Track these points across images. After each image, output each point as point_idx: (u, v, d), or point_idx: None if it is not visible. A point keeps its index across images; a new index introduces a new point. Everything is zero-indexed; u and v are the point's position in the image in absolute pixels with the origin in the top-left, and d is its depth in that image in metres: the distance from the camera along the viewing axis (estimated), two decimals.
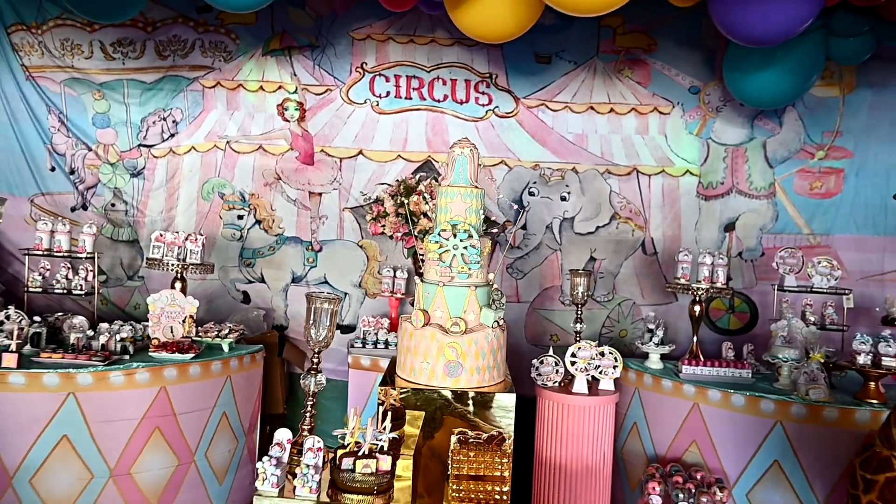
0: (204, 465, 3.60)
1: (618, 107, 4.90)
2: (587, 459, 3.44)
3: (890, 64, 4.54)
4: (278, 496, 2.06)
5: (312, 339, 2.36)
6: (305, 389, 2.40)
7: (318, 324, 2.33)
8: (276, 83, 4.87)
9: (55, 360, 3.25)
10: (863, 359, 3.27)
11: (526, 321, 4.93)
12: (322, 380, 2.42)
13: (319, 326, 2.33)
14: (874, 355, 3.29)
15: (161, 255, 3.89)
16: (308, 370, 2.42)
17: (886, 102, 4.67)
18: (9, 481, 3.08)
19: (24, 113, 4.85)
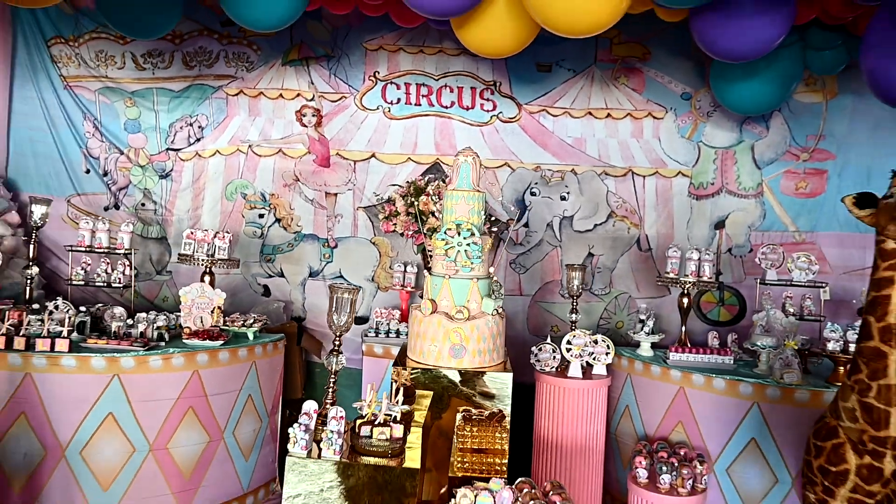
0: (232, 443, 3.95)
1: (614, 112, 5.22)
2: (582, 437, 3.77)
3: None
4: (307, 457, 2.40)
5: (335, 324, 2.70)
6: (328, 368, 2.74)
7: (340, 311, 2.68)
8: (294, 91, 5.22)
9: (101, 346, 3.61)
10: (832, 345, 3.58)
11: (528, 313, 5.26)
12: (343, 360, 2.77)
13: (341, 313, 2.68)
14: (844, 342, 3.59)
15: (192, 251, 4.25)
16: (331, 351, 2.76)
17: (866, 108, 4.95)
18: (62, 453, 3.44)
19: (61, 119, 5.23)
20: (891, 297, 2.34)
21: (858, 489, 2.41)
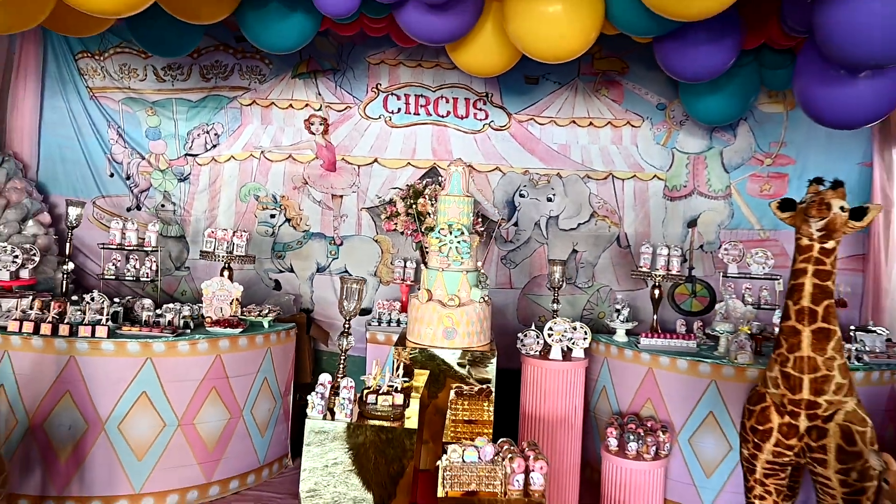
0: (250, 420, 4.42)
1: (596, 121, 5.69)
2: (562, 412, 4.24)
3: None
4: (323, 419, 2.88)
5: (345, 309, 3.18)
6: (339, 347, 3.22)
7: (350, 298, 3.15)
8: (303, 101, 5.68)
9: (135, 332, 4.08)
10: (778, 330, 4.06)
11: (518, 305, 5.73)
12: (352, 341, 3.25)
13: (350, 300, 3.16)
14: None
15: (213, 248, 4.72)
16: (341, 333, 3.25)
17: None
18: (102, 427, 3.90)
19: (88, 128, 5.68)
20: (804, 284, 2.82)
21: (780, 443, 2.89)
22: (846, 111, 3.35)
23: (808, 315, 2.81)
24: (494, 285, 5.69)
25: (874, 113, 3.34)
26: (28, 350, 3.82)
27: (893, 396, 4.19)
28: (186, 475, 4.08)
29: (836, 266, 2.89)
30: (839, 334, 2.83)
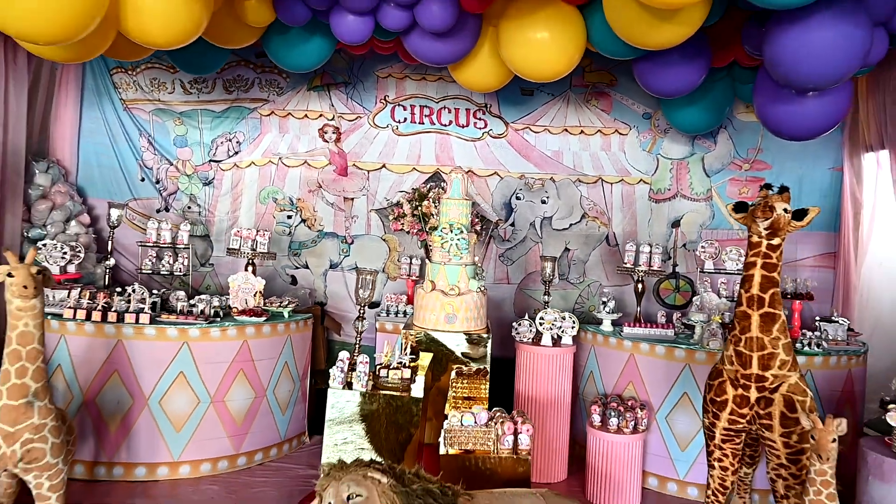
0: (272, 399, 4.93)
1: (586, 129, 6.18)
2: (552, 394, 4.74)
3: None
4: (342, 389, 3.38)
5: (360, 296, 3.68)
6: (355, 329, 3.72)
7: (364, 287, 3.66)
8: (317, 112, 6.20)
9: (173, 320, 4.59)
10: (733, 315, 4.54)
11: (514, 298, 6.22)
12: (366, 324, 3.74)
13: (365, 289, 3.66)
14: None
15: (239, 245, 5.24)
16: (357, 318, 3.75)
17: None
18: (145, 402, 4.42)
19: (121, 136, 6.20)
20: (754, 275, 3.29)
21: (734, 412, 3.37)
22: (797, 125, 3.83)
23: (756, 301, 3.28)
24: (493, 281, 6.19)
25: (821, 127, 3.82)
26: (81, 335, 4.34)
27: (850, 379, 4.67)
28: (217, 446, 4.59)
29: (781, 259, 3.36)
30: (783, 318, 3.30)
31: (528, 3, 3.73)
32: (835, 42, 3.05)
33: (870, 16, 3.15)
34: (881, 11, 3.18)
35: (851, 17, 3.05)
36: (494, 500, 2.73)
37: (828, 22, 3.03)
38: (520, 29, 3.81)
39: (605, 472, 4.38)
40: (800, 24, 3.09)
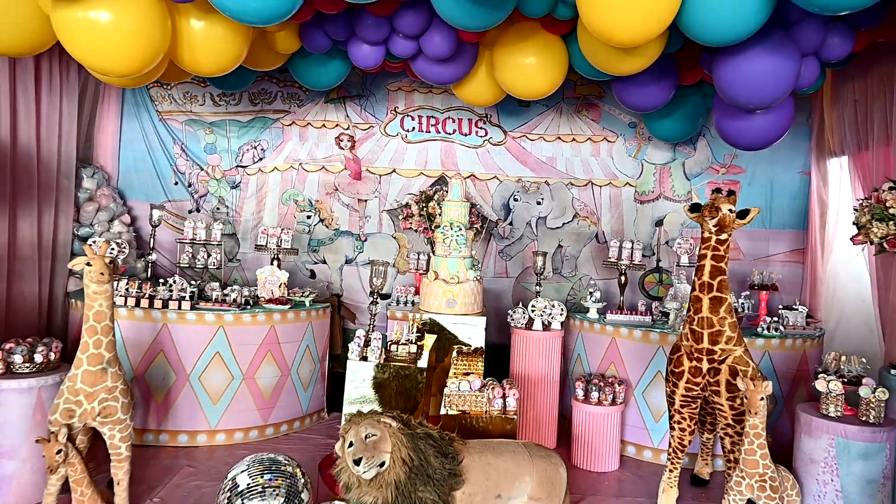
0: (296, 378, 5.58)
1: (578, 137, 6.80)
2: (542, 372, 5.35)
3: None
4: (359, 360, 4.02)
5: (374, 284, 4.33)
6: (370, 311, 4.37)
7: (377, 276, 4.30)
8: (334, 122, 6.86)
9: (210, 307, 5.25)
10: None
11: (512, 290, 6.85)
12: (379, 308, 4.38)
13: (378, 277, 4.30)
14: None
15: (266, 242, 5.90)
16: (371, 302, 4.39)
17: None
18: (187, 378, 5.08)
19: (157, 144, 6.89)
20: (705, 265, 3.89)
21: (689, 381, 3.97)
22: (748, 137, 4.44)
23: (706, 287, 3.88)
24: (493, 274, 6.83)
25: (768, 139, 4.43)
26: (132, 319, 5.01)
27: (805, 359, 5.25)
28: (248, 418, 5.25)
29: (728, 252, 3.94)
30: (729, 301, 3.90)
31: (518, 33, 4.36)
32: (768, 71, 3.65)
33: (799, 48, 3.75)
34: (809, 44, 3.77)
35: (782, 50, 3.65)
36: (484, 446, 3.36)
37: (762, 54, 3.63)
38: (511, 55, 4.44)
39: (588, 439, 5.00)
40: (740, 56, 3.69)
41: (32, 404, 3.85)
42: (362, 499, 2.95)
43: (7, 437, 3.77)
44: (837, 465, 3.76)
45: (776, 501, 3.50)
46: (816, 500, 3.84)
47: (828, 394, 3.91)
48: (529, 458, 3.38)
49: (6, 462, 3.77)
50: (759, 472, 3.52)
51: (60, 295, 5.63)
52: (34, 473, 3.85)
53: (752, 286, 5.81)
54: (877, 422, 3.79)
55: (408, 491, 2.95)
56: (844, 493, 3.74)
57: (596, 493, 4.57)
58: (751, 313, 5.70)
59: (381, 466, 2.92)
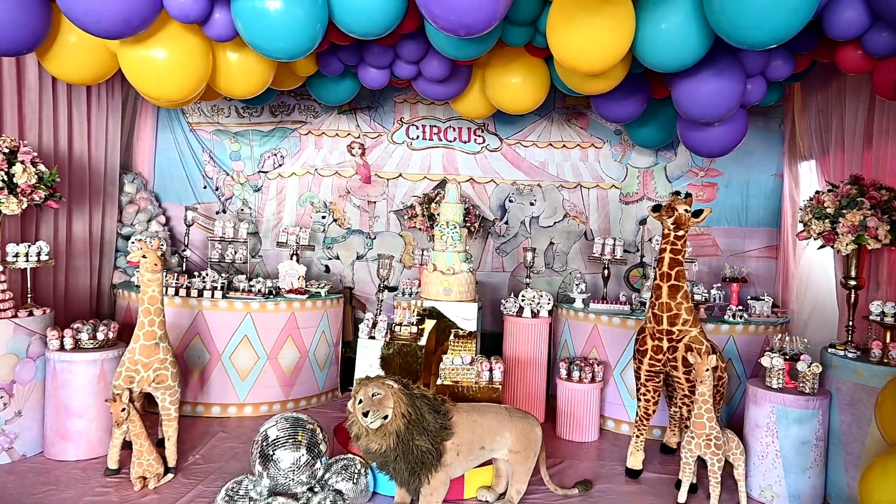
0: (313, 360, 6.29)
1: (568, 143, 7.45)
2: (531, 355, 6.01)
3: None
4: (368, 339, 4.72)
5: (381, 275, 5.02)
6: (377, 298, 5.06)
7: (384, 267, 4.99)
8: (346, 131, 7.57)
9: (238, 296, 5.98)
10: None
11: (508, 284, 7.51)
12: (385, 297, 5.08)
13: (384, 269, 5.00)
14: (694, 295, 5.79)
15: (286, 239, 6.63)
16: (379, 290, 5.08)
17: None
18: (219, 358, 5.81)
19: (188, 152, 7.64)
20: (664, 258, 4.51)
21: (652, 358, 4.62)
22: (707, 146, 5.08)
23: (665, 276, 4.51)
24: (490, 269, 7.50)
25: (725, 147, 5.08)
26: (172, 306, 5.75)
27: (767, 343, 5.85)
28: (272, 393, 5.97)
29: (685, 246, 4.56)
30: (685, 288, 4.52)
31: (505, 56, 5.03)
32: (716, 91, 4.29)
33: (745, 70, 4.38)
34: (754, 67, 4.40)
35: (729, 73, 4.28)
36: (471, 408, 4.04)
37: (710, 76, 4.27)
38: (499, 75, 5.11)
39: (570, 413, 5.65)
40: (692, 78, 4.33)
41: (97, 374, 4.60)
42: (369, 446, 3.64)
43: (78, 400, 4.53)
44: (777, 429, 4.38)
45: (719, 457, 4.14)
46: (760, 458, 4.47)
47: (771, 368, 4.54)
48: (509, 418, 4.06)
49: (77, 420, 4.53)
50: (705, 433, 4.16)
51: (107, 286, 6.40)
52: (99, 431, 4.60)
53: (724, 279, 6.42)
54: (811, 392, 4.40)
55: (406, 439, 3.63)
56: (783, 453, 4.37)
57: (576, 458, 5.22)
58: (722, 303, 6.31)
59: (384, 419, 3.60)
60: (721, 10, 3.37)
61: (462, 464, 3.87)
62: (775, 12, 3.23)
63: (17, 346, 4.49)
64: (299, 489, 3.92)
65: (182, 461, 4.61)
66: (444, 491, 3.80)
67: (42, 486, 4.15)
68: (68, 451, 4.57)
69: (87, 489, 4.12)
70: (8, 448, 4.47)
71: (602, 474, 4.86)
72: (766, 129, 7.16)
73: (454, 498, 4.22)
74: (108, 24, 3.43)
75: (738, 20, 3.34)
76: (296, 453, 3.87)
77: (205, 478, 4.39)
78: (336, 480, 4.06)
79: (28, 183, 4.47)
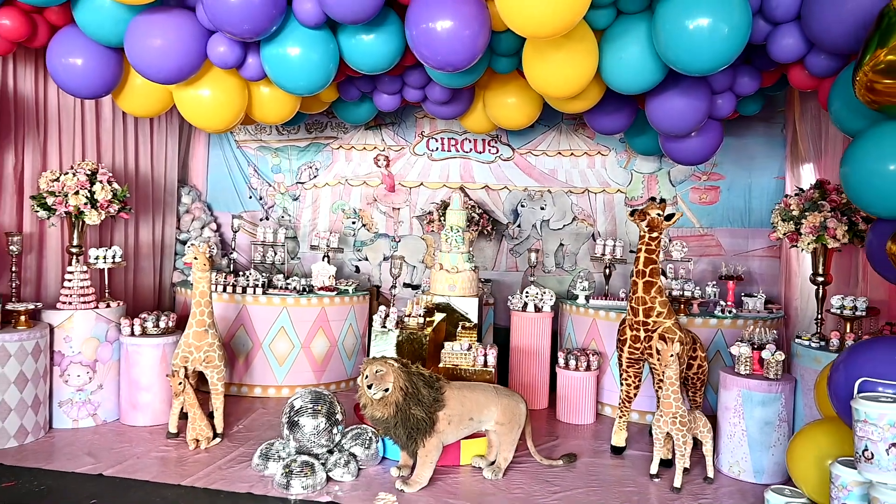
0: (342, 349, 7.11)
1: (576, 151, 8.02)
2: (535, 346, 6.64)
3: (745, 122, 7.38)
4: (381, 327, 5.48)
5: (393, 273, 5.78)
6: (391, 294, 5.82)
7: (394, 266, 5.75)
8: (373, 145, 8.38)
9: (277, 293, 6.87)
10: (675, 293, 6.27)
11: (521, 282, 8.14)
12: (410, 295, 5.83)
13: (395, 267, 5.75)
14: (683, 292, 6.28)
15: (318, 243, 7.49)
16: (391, 286, 5.84)
17: (743, 146, 7.52)
18: (260, 346, 6.70)
19: (235, 166, 8.62)
20: (640, 257, 5.06)
21: (631, 346, 5.18)
22: (685, 155, 5.60)
23: (641, 273, 5.07)
24: (505, 269, 8.16)
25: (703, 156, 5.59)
26: (220, 301, 6.67)
27: None
28: (305, 377, 6.82)
29: (659, 247, 5.09)
30: (659, 284, 5.06)
31: (502, 79, 5.68)
32: (682, 108, 4.83)
33: (711, 88, 4.91)
34: (721, 85, 4.92)
35: (694, 91, 4.82)
36: (463, 385, 4.74)
37: (677, 95, 4.81)
38: (496, 96, 5.78)
39: (568, 398, 6.26)
40: (660, 96, 4.88)
41: (159, 356, 5.56)
42: (374, 413, 4.39)
43: (145, 377, 5.50)
44: (743, 411, 4.88)
45: (683, 433, 4.67)
46: (729, 437, 4.97)
47: (739, 356, 5.03)
48: (496, 395, 4.73)
49: (145, 393, 5.50)
50: (672, 411, 4.71)
51: (168, 283, 7.43)
52: (162, 402, 5.55)
53: (721, 277, 6.87)
54: (775, 378, 4.88)
55: (404, 409, 4.36)
56: (748, 432, 4.86)
57: (570, 437, 5.83)
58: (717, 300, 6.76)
59: (385, 392, 4.33)
60: (666, 44, 3.96)
61: (453, 431, 4.57)
62: (709, 46, 3.80)
63: (98, 332, 5.50)
64: (320, 451, 4.71)
65: (228, 429, 5.50)
66: (438, 454, 4.51)
67: (119, 444, 5.11)
68: (138, 418, 5.54)
69: (153, 447, 5.05)
70: (93, 414, 5.48)
71: (589, 450, 5.46)
72: (769, 135, 7.55)
73: (452, 464, 4.92)
74: (165, 74, 4.33)
75: (679, 52, 3.92)
76: (316, 420, 4.67)
77: (245, 442, 5.25)
78: (351, 445, 4.83)
79: (105, 199, 5.46)
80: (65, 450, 4.94)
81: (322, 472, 4.51)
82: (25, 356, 4.95)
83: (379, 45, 4.42)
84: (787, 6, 3.94)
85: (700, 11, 3.72)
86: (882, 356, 3.17)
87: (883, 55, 3.00)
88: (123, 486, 4.36)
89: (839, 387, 3.25)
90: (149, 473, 4.56)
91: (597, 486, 4.68)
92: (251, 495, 4.30)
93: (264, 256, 7.63)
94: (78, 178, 5.37)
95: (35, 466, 4.60)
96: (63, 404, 5.39)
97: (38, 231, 5.76)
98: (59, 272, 5.84)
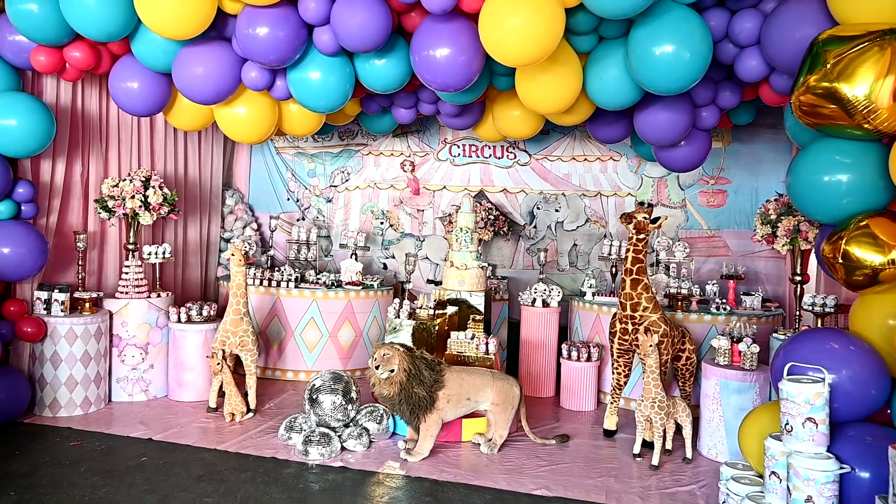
0: (366, 338, 7.77)
1: (589, 157, 8.45)
2: (542, 339, 7.14)
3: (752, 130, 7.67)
4: (395, 318, 6.10)
5: (406, 269, 6.40)
6: (406, 288, 6.45)
7: (408, 262, 6.37)
8: (399, 151, 9.03)
9: (308, 286, 7.60)
10: (674, 291, 6.66)
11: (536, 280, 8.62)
12: (412, 285, 6.45)
13: (409, 263, 6.37)
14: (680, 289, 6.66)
15: (346, 242, 8.20)
16: (405, 281, 6.46)
17: (750, 151, 7.80)
18: (292, 334, 7.44)
19: (275, 171, 9.42)
20: (629, 256, 5.51)
21: (620, 338, 5.63)
22: (676, 162, 5.99)
23: (628, 272, 5.52)
24: (521, 267, 8.67)
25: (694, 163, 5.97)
26: (257, 293, 7.45)
27: None
28: (333, 363, 7.51)
29: (646, 247, 5.53)
30: (646, 281, 5.49)
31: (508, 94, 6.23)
32: (665, 121, 5.24)
33: (694, 102, 5.32)
34: (703, 99, 5.32)
35: (677, 106, 5.24)
36: (462, 369, 5.31)
37: (660, 109, 5.24)
38: (503, 108, 6.31)
39: (570, 386, 6.74)
40: (646, 110, 5.31)
41: (202, 340, 6.36)
42: (381, 391, 5.02)
43: (189, 358, 6.32)
44: (720, 399, 5.27)
45: (662, 416, 5.11)
46: (708, 423, 5.37)
47: (718, 348, 5.42)
48: (492, 378, 5.29)
49: (189, 373, 6.32)
50: (652, 397, 5.15)
51: (213, 277, 8.28)
52: (204, 381, 6.36)
53: (722, 276, 7.19)
54: (751, 368, 5.25)
55: (407, 388, 4.97)
56: (725, 418, 5.25)
57: (569, 421, 6.32)
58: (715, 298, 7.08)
59: (391, 372, 4.95)
60: (637, 68, 4.42)
61: (452, 409, 5.15)
62: (674, 69, 4.24)
63: (150, 318, 6.34)
64: (336, 424, 5.38)
65: (260, 406, 6.24)
66: (437, 428, 5.10)
67: (167, 416, 5.93)
68: (183, 395, 6.36)
69: (195, 419, 5.84)
70: (145, 390, 6.33)
71: (584, 433, 5.94)
72: (775, 141, 7.80)
73: (454, 440, 5.50)
74: (206, 97, 5.08)
75: (648, 74, 4.38)
76: (333, 397, 5.33)
77: (274, 417, 5.98)
78: (365, 421, 5.48)
79: (157, 202, 6.29)
80: (121, 419, 5.79)
81: (337, 442, 5.17)
82: (89, 338, 5.82)
83: (390, 69, 5.04)
84: (748, 32, 4.34)
85: (665, 39, 4.17)
86: (812, 345, 3.58)
87: (812, 80, 3.42)
88: (169, 449, 5.14)
89: (777, 371, 3.66)
90: (190, 439, 5.33)
91: (582, 463, 5.17)
92: (275, 459, 5.00)
93: (298, 253, 8.38)
94: (134, 184, 6.22)
95: (97, 430, 5.44)
96: (120, 381, 6.26)
97: (100, 230, 6.67)
98: (117, 266, 6.74)
